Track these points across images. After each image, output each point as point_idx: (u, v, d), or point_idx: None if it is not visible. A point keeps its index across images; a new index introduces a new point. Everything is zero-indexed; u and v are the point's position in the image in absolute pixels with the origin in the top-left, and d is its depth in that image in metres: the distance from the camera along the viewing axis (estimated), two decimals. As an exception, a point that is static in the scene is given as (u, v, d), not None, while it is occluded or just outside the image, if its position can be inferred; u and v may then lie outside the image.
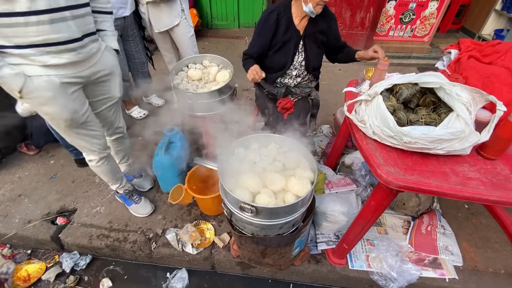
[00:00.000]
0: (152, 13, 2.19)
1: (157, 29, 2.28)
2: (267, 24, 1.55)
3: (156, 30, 2.29)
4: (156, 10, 2.17)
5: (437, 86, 1.02)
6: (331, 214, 1.52)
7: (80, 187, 1.98)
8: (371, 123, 1.06)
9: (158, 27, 2.27)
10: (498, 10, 3.75)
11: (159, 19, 2.22)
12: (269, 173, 1.17)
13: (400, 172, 0.95)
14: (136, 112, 2.62)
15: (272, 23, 1.53)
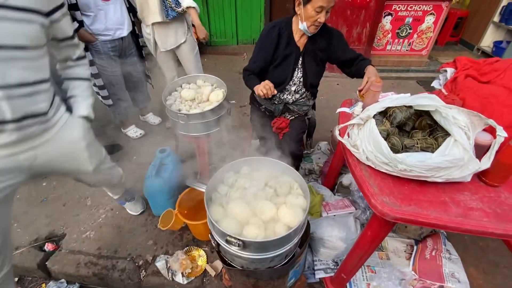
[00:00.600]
0: (158, 33, 2.18)
1: (164, 48, 2.26)
2: (269, 38, 1.54)
3: (163, 49, 2.27)
4: (163, 29, 2.17)
5: (433, 109, 0.97)
6: (329, 240, 1.45)
7: (71, 211, 1.93)
8: (364, 148, 1.00)
9: (165, 46, 2.26)
10: (496, 22, 3.75)
11: (166, 38, 2.22)
12: (260, 200, 1.11)
13: (396, 203, 0.88)
14: (132, 131, 2.60)
15: (274, 37, 1.53)
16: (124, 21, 2.03)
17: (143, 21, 2.15)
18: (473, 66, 1.26)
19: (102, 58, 2.04)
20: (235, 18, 4.48)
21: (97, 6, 1.84)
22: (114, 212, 1.91)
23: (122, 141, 2.57)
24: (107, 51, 2.01)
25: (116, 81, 2.20)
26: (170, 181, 1.70)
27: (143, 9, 2.06)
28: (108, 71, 2.12)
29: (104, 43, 1.98)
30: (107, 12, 1.90)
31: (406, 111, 1.02)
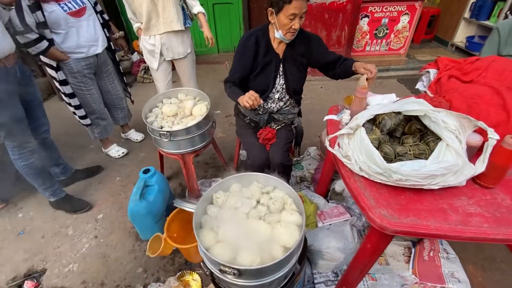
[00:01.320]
0: (164, 43, 2.12)
1: (171, 57, 2.21)
2: (246, 47, 1.51)
3: (169, 58, 2.22)
4: (170, 40, 2.11)
5: (422, 114, 0.95)
6: (327, 252, 1.40)
7: (51, 243, 1.79)
8: (357, 159, 0.97)
9: (172, 55, 2.20)
10: (467, 18, 3.89)
11: (174, 47, 2.16)
12: (252, 221, 1.05)
13: (394, 215, 0.85)
14: (114, 151, 2.48)
15: (252, 45, 1.50)
16: (98, 37, 1.94)
17: (146, 32, 2.06)
18: (454, 66, 1.26)
19: (76, 77, 1.94)
20: (214, 26, 4.44)
21: (67, 23, 1.74)
22: (98, 240, 1.79)
23: (103, 162, 2.45)
24: (81, 69, 1.91)
25: (93, 99, 2.10)
26: (156, 204, 1.60)
27: (151, 19, 1.99)
28: (83, 90, 2.02)
29: (78, 61, 1.88)
30: (79, 29, 1.81)
31: (395, 118, 0.99)
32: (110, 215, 1.96)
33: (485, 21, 3.64)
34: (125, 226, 1.87)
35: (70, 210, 1.95)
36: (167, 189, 1.80)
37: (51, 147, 1.98)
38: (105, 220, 1.92)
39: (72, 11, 1.74)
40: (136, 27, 2.10)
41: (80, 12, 1.79)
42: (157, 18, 1.99)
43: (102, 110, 2.22)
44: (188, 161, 1.81)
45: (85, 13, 1.82)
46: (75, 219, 1.93)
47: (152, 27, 2.03)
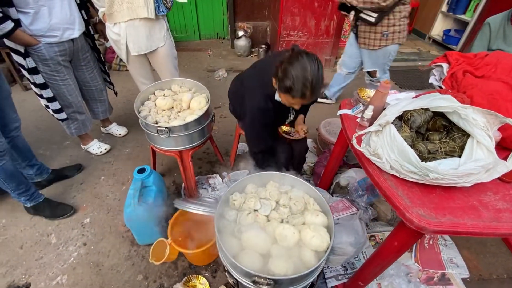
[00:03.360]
0: (130, 34, 1.78)
1: (137, 51, 1.87)
2: (268, 114, 1.35)
3: (135, 53, 1.87)
4: (137, 30, 1.77)
5: (451, 111, 0.94)
6: (339, 247, 1.39)
7: (32, 254, 1.59)
8: (387, 157, 0.93)
9: (138, 50, 1.86)
10: (444, 12, 4.05)
11: (140, 39, 1.81)
12: (277, 225, 0.99)
13: (431, 214, 0.83)
14: (95, 147, 2.25)
15: (271, 108, 1.33)
16: (74, 19, 1.69)
17: (110, 19, 1.74)
18: (465, 61, 1.27)
19: (49, 65, 1.68)
20: (196, 11, 4.17)
21: (37, 1, 1.49)
22: (88, 247, 1.62)
23: (83, 160, 2.21)
24: (54, 56, 1.66)
25: (69, 91, 1.85)
26: (156, 207, 1.48)
27: (113, 3, 1.66)
28: (57, 80, 1.77)
29: (50, 47, 1.63)
30: (51, 9, 1.55)
31: (424, 114, 0.97)
32: (98, 219, 1.78)
33: (461, 15, 3.81)
34: (117, 230, 1.72)
35: (51, 215, 1.75)
36: (165, 189, 1.68)
37: (23, 146, 1.73)
38: (93, 225, 1.75)
39: (44, -14, 1.48)
40: (101, 12, 1.77)
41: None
42: (121, 3, 1.66)
43: (79, 103, 1.98)
44: (186, 158, 1.69)
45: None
46: (57, 225, 1.74)
47: (116, 13, 1.70)
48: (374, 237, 1.68)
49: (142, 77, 2.08)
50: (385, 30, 1.96)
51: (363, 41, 2.11)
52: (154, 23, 1.80)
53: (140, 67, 2.00)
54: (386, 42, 2.03)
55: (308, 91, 1.09)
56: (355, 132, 1.17)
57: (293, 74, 1.07)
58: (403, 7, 1.92)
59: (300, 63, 1.07)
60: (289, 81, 1.08)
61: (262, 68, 1.38)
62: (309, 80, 1.07)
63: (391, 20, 1.91)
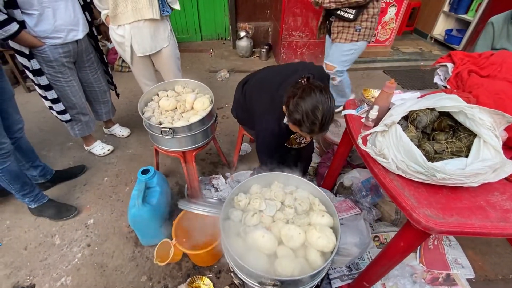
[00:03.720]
0: (135, 35, 1.79)
1: (141, 53, 1.88)
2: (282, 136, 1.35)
3: (140, 54, 1.89)
4: (141, 31, 1.78)
5: (457, 110, 0.93)
6: (344, 248, 1.39)
7: (36, 255, 1.59)
8: (394, 158, 0.93)
9: (143, 51, 1.87)
10: (446, 11, 4.04)
11: (145, 40, 1.82)
12: (283, 225, 0.99)
13: (439, 215, 0.83)
14: (98, 148, 2.26)
15: (284, 131, 1.31)
16: (78, 21, 1.69)
17: (114, 21, 1.74)
18: (470, 60, 1.27)
19: (53, 66, 1.69)
20: (197, 12, 4.18)
21: (41, 2, 1.49)
22: (92, 248, 1.63)
23: (86, 161, 2.22)
24: (58, 57, 1.67)
25: (73, 92, 1.86)
26: (160, 207, 1.48)
27: (117, 5, 1.66)
28: (61, 82, 1.77)
29: (54, 48, 1.64)
30: (55, 10, 1.56)
31: (430, 114, 0.97)
32: (102, 219, 1.79)
33: (463, 15, 3.81)
34: (120, 231, 1.72)
35: (55, 216, 1.75)
36: (168, 189, 1.68)
37: (26, 147, 1.74)
38: (97, 226, 1.75)
39: (48, -12, 1.49)
40: (104, 14, 1.78)
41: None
42: (125, 4, 1.66)
43: (83, 105, 1.98)
44: (190, 159, 1.69)
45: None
46: (61, 226, 1.74)
47: (120, 15, 1.70)
48: (378, 238, 1.68)
49: (146, 79, 2.08)
50: (358, 24, 1.97)
51: (337, 35, 2.09)
52: (159, 23, 1.80)
53: (143, 68, 2.01)
54: (358, 37, 2.04)
55: (317, 128, 1.08)
56: (360, 132, 1.17)
57: (304, 109, 1.05)
58: (377, 3, 1.94)
59: (312, 100, 1.04)
60: (299, 116, 1.07)
61: (270, 88, 1.33)
62: (319, 118, 1.05)
63: (364, 15, 1.93)
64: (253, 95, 1.42)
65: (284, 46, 3.53)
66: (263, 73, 1.48)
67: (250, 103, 1.44)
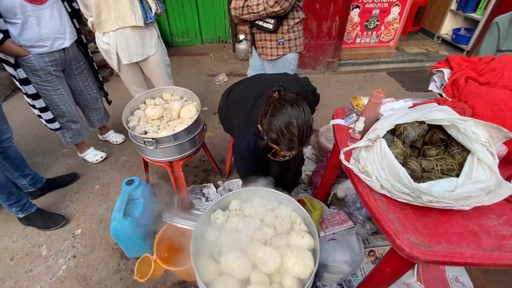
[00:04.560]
0: (120, 43, 1.76)
1: (128, 60, 1.84)
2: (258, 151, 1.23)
3: (127, 62, 1.85)
4: (126, 38, 1.74)
5: (448, 124, 0.85)
6: (333, 265, 1.31)
7: (22, 266, 1.58)
8: (378, 175, 0.86)
9: (129, 58, 1.83)
10: (454, 10, 3.89)
11: (131, 48, 1.79)
12: (259, 247, 0.92)
13: (425, 242, 0.75)
14: (91, 155, 2.24)
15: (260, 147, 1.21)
16: (65, 29, 1.67)
17: (99, 28, 1.71)
18: (468, 66, 1.18)
19: (39, 75, 1.68)
20: (197, 15, 4.15)
21: (25, 11, 1.48)
22: (77, 260, 1.60)
23: (79, 168, 2.21)
24: (44, 66, 1.65)
25: (61, 100, 1.84)
26: (143, 220, 1.44)
27: (100, 12, 1.63)
28: (49, 90, 1.76)
29: (40, 57, 1.62)
30: (40, 19, 1.54)
31: (419, 128, 0.88)
32: (89, 230, 1.76)
33: (472, 13, 3.64)
34: (107, 241, 1.69)
35: (43, 226, 1.73)
36: (154, 200, 1.63)
37: (15, 156, 1.73)
38: (84, 236, 1.72)
39: (31, -4, 1.47)
40: (90, 22, 1.75)
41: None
42: (109, 12, 1.63)
43: (73, 112, 1.96)
44: (177, 169, 1.65)
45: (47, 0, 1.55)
46: (49, 237, 1.72)
47: (104, 22, 1.67)
48: (373, 252, 1.59)
49: (135, 85, 2.05)
50: (280, 37, 1.79)
51: (261, 51, 1.90)
52: (144, 31, 1.76)
53: (132, 75, 1.98)
54: (284, 51, 1.86)
55: (296, 144, 1.01)
56: (347, 145, 1.10)
57: (278, 128, 0.99)
58: (297, 13, 1.78)
59: (284, 116, 0.97)
60: (274, 135, 1.00)
61: (248, 102, 1.27)
62: (295, 134, 0.98)
63: (284, 26, 1.76)
64: (233, 107, 1.36)
65: (283, 49, 3.46)
66: (245, 84, 1.42)
67: (230, 115, 1.39)
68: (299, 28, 1.85)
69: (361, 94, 1.38)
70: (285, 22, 1.74)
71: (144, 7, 1.66)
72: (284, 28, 1.75)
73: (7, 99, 3.23)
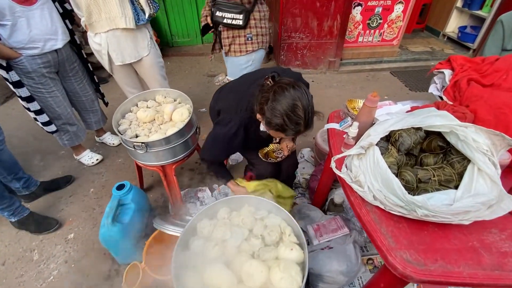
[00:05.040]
0: (112, 43, 1.73)
1: (121, 61, 1.82)
2: (235, 139, 1.19)
3: (119, 63, 1.82)
4: (118, 39, 1.71)
5: (447, 130, 0.79)
6: (328, 276, 1.26)
7: (13, 271, 1.56)
8: (370, 185, 0.80)
9: (122, 60, 1.81)
10: (459, 7, 3.78)
11: (123, 49, 1.76)
12: (246, 260, 0.88)
13: (419, 260, 0.69)
14: (87, 157, 2.22)
15: (240, 138, 1.21)
16: (56, 30, 1.65)
17: (91, 28, 1.69)
18: (471, 67, 1.11)
19: (32, 78, 1.65)
20: (197, 15, 4.11)
21: (14, 12, 1.45)
22: (69, 265, 1.57)
23: (75, 170, 2.19)
24: (37, 68, 1.63)
25: (56, 103, 1.82)
26: (133, 225, 1.40)
27: (91, 13, 1.60)
28: (43, 93, 1.73)
29: (32, 59, 1.59)
30: (29, 20, 1.51)
31: (415, 134, 0.83)
32: (82, 234, 1.74)
33: (478, 10, 3.53)
34: (100, 246, 1.65)
35: (35, 230, 1.71)
36: (146, 205, 1.60)
37: (8, 159, 1.71)
38: (76, 241, 1.70)
39: (20, -3, 1.44)
40: (83, 21, 1.71)
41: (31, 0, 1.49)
42: (99, 13, 1.59)
43: (69, 115, 1.94)
44: (170, 173, 1.61)
45: (38, 0, 1.52)
46: (41, 241, 1.70)
47: (95, 23, 1.64)
48: (372, 260, 1.53)
49: (129, 86, 2.02)
50: (248, 32, 1.73)
51: (229, 48, 1.81)
52: (136, 32, 1.72)
53: (125, 76, 1.94)
54: (252, 47, 1.79)
55: (302, 127, 0.97)
56: (341, 151, 1.04)
57: (283, 112, 0.94)
58: (261, 6, 1.74)
59: (287, 99, 0.93)
60: (279, 120, 0.95)
61: (239, 88, 1.23)
62: (302, 116, 0.94)
63: (251, 21, 1.71)
64: (222, 98, 1.32)
65: (283, 48, 3.40)
66: (236, 79, 1.38)
67: (218, 107, 1.32)
68: (266, 25, 1.81)
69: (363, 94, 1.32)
70: (252, 17, 1.71)
71: (136, 9, 1.62)
72: (251, 22, 1.72)
73: (7, 100, 3.24)
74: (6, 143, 1.69)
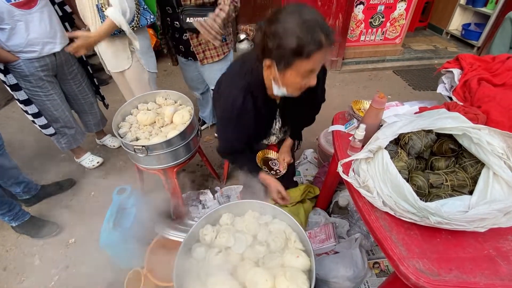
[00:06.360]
0: (100, 50, 1.73)
1: (107, 70, 1.83)
2: (245, 113, 1.03)
3: (110, 69, 1.82)
4: (101, 47, 1.69)
5: (459, 133, 0.76)
6: (334, 281, 1.22)
7: (14, 276, 1.54)
8: (379, 191, 0.77)
9: (110, 68, 1.81)
10: (463, 4, 3.72)
11: (108, 58, 1.75)
12: (249, 268, 0.85)
13: (433, 269, 0.66)
14: (87, 160, 2.20)
15: (251, 108, 1.04)
16: (55, 33, 1.62)
17: None
18: (481, 65, 1.07)
19: (30, 81, 1.63)
20: (197, 15, 4.09)
21: (12, 16, 1.42)
22: (70, 270, 1.55)
23: (76, 173, 2.17)
24: (34, 71, 1.60)
25: (54, 106, 1.79)
26: (135, 231, 1.37)
27: (84, 17, 1.59)
28: (41, 96, 1.71)
29: (30, 62, 1.57)
30: (28, 23, 1.49)
31: (426, 137, 0.79)
32: (83, 238, 1.71)
33: (482, 8, 3.48)
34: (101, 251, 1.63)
35: (36, 235, 1.69)
36: (148, 210, 1.57)
37: (8, 164, 1.69)
38: (78, 245, 1.68)
39: (18, 1, 1.42)
40: None
41: (30, 3, 1.47)
42: (88, 19, 1.58)
43: (67, 118, 1.91)
44: (171, 176, 1.58)
45: (37, 3, 1.50)
46: (42, 246, 1.68)
47: (89, 27, 1.63)
48: (378, 264, 1.49)
49: (127, 90, 1.99)
50: (223, 33, 1.55)
51: (205, 54, 1.71)
52: (115, 42, 1.64)
53: (121, 83, 1.92)
54: (228, 48, 1.72)
55: (322, 34, 0.77)
56: (347, 154, 1.01)
57: (292, 26, 0.77)
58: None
59: (289, 13, 0.78)
60: (292, 38, 0.76)
61: (243, 57, 1.10)
62: (316, 20, 0.77)
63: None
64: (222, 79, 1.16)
65: (285, 48, 3.36)
66: None
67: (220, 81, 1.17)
68: (233, 24, 1.74)
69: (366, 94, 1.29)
70: None
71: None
72: None
73: (8, 103, 3.23)
74: (7, 146, 1.67)
